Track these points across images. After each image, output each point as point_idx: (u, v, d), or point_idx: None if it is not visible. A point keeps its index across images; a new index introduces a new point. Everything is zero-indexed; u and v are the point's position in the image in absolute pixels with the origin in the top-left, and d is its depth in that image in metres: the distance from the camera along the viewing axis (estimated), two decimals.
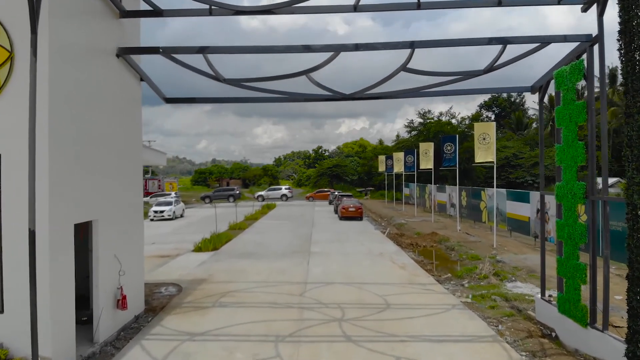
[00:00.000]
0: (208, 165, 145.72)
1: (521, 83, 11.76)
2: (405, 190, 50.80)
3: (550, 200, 22.01)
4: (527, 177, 59.30)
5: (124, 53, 9.81)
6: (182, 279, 14.63)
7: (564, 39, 9.38)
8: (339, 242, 22.50)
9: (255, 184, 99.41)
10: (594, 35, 8.50)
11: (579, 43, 9.02)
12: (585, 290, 8.70)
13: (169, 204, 36.43)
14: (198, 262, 17.53)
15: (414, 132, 55.30)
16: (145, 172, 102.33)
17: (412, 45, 9.42)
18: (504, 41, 9.53)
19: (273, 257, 18.30)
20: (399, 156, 43.71)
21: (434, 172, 34.42)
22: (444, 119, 54.89)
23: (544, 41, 9.47)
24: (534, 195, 23.02)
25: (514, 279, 15.63)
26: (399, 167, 43.60)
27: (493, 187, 25.49)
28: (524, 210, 23.76)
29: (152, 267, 16.68)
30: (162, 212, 35.16)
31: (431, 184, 45.98)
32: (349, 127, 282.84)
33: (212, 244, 20.50)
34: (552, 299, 10.94)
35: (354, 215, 33.07)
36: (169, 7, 10.29)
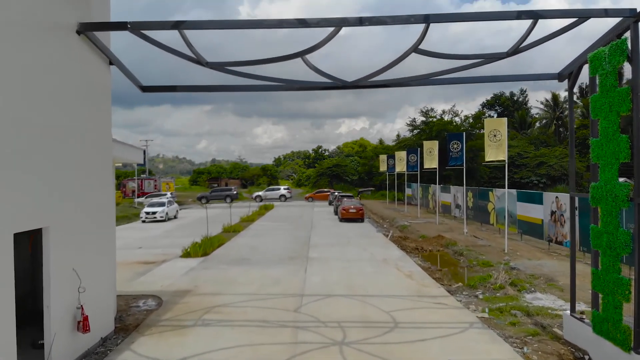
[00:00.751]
0: (208, 165, 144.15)
1: (519, 85, 10.29)
2: (408, 191, 49.27)
3: (566, 202, 20.52)
4: (532, 177, 57.85)
5: (86, 30, 8.29)
6: (165, 291, 13.12)
7: (605, 13, 7.87)
8: (339, 246, 20.99)
9: (255, 184, 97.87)
10: (639, 10, 7.05)
11: (620, 19, 7.52)
12: (627, 308, 7.27)
13: (161, 205, 34.92)
14: (185, 269, 16.00)
15: (416, 131, 53.77)
16: (142, 171, 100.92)
17: (427, 19, 7.90)
18: (535, 15, 8.01)
19: (267, 264, 16.78)
20: (401, 155, 42.18)
21: (438, 172, 32.91)
22: (446, 117, 53.40)
23: (581, 15, 7.95)
24: (548, 197, 21.51)
25: (532, 289, 14.13)
26: (401, 167, 42.08)
27: (503, 188, 24.00)
28: (537, 212, 22.24)
29: (133, 276, 15.16)
30: (154, 213, 33.65)
31: (435, 184, 44.50)
32: (349, 127, 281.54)
33: (203, 248, 18.98)
34: (584, 316, 9.47)
35: (355, 217, 31.56)
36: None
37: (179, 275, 15.09)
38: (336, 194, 49.09)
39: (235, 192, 57.45)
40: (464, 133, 27.37)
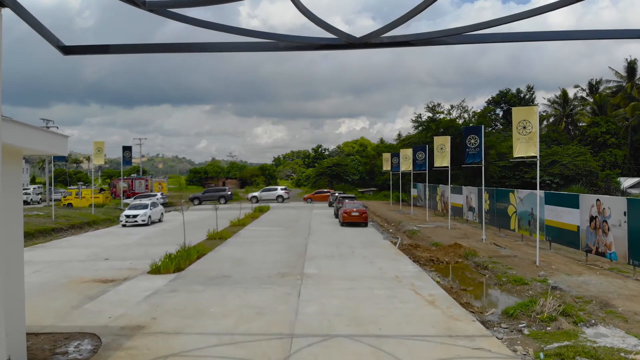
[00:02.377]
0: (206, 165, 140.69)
1: (520, 84, 6.99)
2: (413, 191, 46.04)
3: (611, 206, 17.26)
4: (544, 176, 54.54)
5: None
6: (111, 325, 9.85)
7: None
8: (340, 258, 17.73)
9: (253, 184, 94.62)
10: None
11: None
12: None
13: (143, 207, 31.65)
14: (147, 292, 12.73)
15: (421, 128, 50.49)
16: (135, 170, 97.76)
17: None
18: None
19: (252, 285, 13.51)
20: (407, 153, 38.93)
21: (449, 171, 29.67)
22: (455, 113, 50.16)
23: None
24: (586, 200, 18.25)
25: (592, 321, 10.88)
26: (407, 166, 38.82)
27: (514, 188, 20.74)
28: (571, 218, 18.98)
29: (81, 301, 11.92)
30: (134, 217, 30.39)
31: (442, 183, 41.23)
32: (348, 127, 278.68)
33: (176, 263, 15.71)
34: None
35: (358, 221, 28.30)
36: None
37: (136, 301, 11.81)
38: (336, 194, 45.80)
39: (229, 193, 54.16)
40: (482, 126, 24.12)
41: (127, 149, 43.67)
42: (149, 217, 31.11)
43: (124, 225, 30.51)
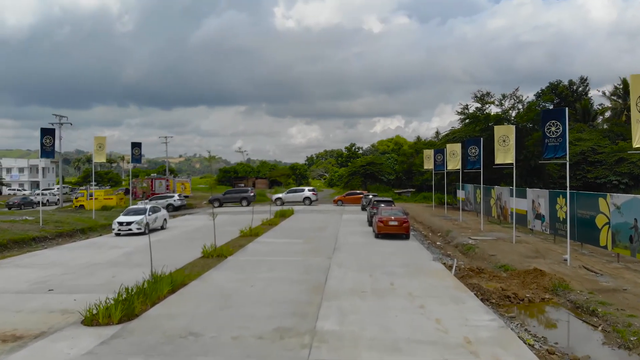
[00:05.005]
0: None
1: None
2: (460, 193, 39.87)
3: None
4: (610, 176, 47.40)
5: None
6: None
7: None
8: (375, 296, 12.09)
9: (283, 185, 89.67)
10: None
11: None
12: None
13: (140, 212, 26.70)
14: None
15: (468, 121, 44.18)
16: (162, 169, 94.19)
17: None
18: None
19: (228, 358, 8.09)
20: (455, 149, 32.95)
21: (514, 169, 23.62)
22: (507, 104, 43.63)
23: None
24: None
25: None
26: (454, 163, 32.86)
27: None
28: None
29: None
30: (128, 224, 25.44)
31: (492, 185, 34.98)
32: (383, 126, 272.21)
33: (127, 305, 10.43)
34: None
35: (398, 232, 22.55)
36: None
37: None
38: (370, 196, 40.03)
39: (252, 194, 48.99)
40: (566, 109, 18.04)
41: (136, 146, 39.11)
42: (146, 224, 26.12)
43: (117, 234, 25.65)
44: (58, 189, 68.22)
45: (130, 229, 25.39)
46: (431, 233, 27.63)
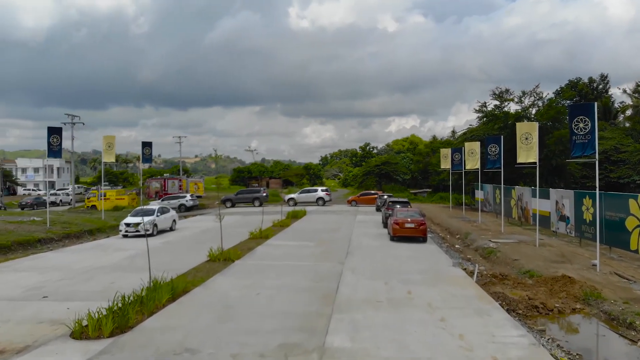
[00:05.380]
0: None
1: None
2: (479, 194, 38.61)
3: None
4: (633, 176, 45.69)
5: None
6: None
7: None
8: (390, 307, 11.08)
9: (297, 184, 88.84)
10: None
11: None
12: None
13: (148, 213, 25.96)
14: None
15: (486, 119, 42.83)
16: (175, 170, 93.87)
17: None
18: None
19: None
20: (473, 147, 31.75)
21: (537, 168, 22.41)
22: (526, 101, 42.21)
23: None
24: None
25: None
26: (472, 162, 31.66)
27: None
28: None
29: None
30: (136, 225, 24.70)
31: (511, 185, 33.75)
32: (398, 126, 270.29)
33: (119, 317, 9.58)
34: None
35: (414, 235, 21.48)
36: None
37: None
38: (385, 197, 38.95)
39: (264, 194, 48.16)
40: (594, 104, 16.83)
41: (146, 146, 38.51)
42: (155, 225, 25.40)
43: (124, 236, 24.94)
44: (73, 188, 68.08)
45: (137, 231, 24.65)
46: (449, 235, 26.50)
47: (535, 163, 21.62)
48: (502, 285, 14.42)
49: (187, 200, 46.34)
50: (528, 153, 21.73)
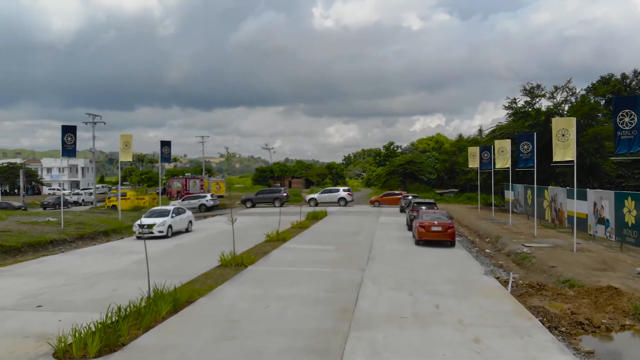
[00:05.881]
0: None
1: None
2: (509, 194, 36.84)
3: None
4: None
5: None
6: None
7: None
8: (417, 324, 9.77)
9: (320, 184, 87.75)
10: None
11: None
12: None
13: (163, 214, 25.09)
14: None
15: (515, 117, 40.94)
16: (198, 169, 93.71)
17: None
18: None
19: None
20: (504, 145, 30.08)
21: (575, 167, 20.77)
22: (558, 97, 40.19)
23: None
24: None
25: None
26: (503, 161, 30.00)
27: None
28: None
29: None
30: (150, 227, 23.83)
31: (548, 184, 31.98)
32: (423, 125, 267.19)
33: (109, 333, 8.51)
34: None
35: (441, 239, 20.08)
36: None
37: None
38: (410, 197, 37.47)
39: (285, 194, 47.12)
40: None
41: (165, 145, 37.72)
42: (169, 227, 24.50)
43: (138, 237, 24.11)
44: (96, 188, 68.13)
45: (151, 232, 23.78)
46: (478, 239, 24.98)
47: (572, 161, 20.04)
48: (540, 297, 12.99)
49: (207, 200, 45.62)
50: (565, 151, 20.14)
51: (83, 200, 61.97)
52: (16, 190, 72.90)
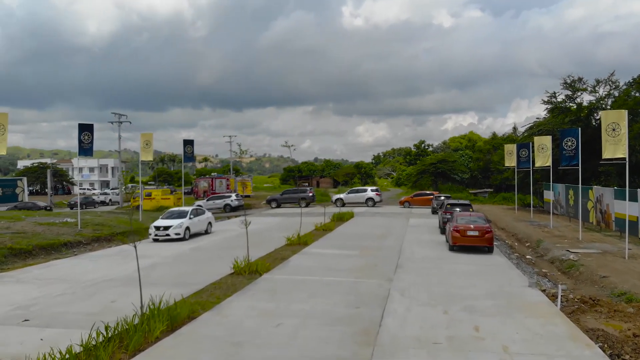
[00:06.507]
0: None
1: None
2: (548, 194, 34.58)
3: None
4: None
5: None
6: None
7: None
8: (452, 351, 8.15)
9: (348, 184, 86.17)
10: None
11: None
12: None
13: (181, 215, 23.95)
14: None
15: (557, 111, 38.49)
16: (226, 169, 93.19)
17: None
18: None
19: None
20: (544, 142, 27.96)
21: (628, 165, 18.69)
22: (601, 91, 37.57)
23: None
24: None
25: None
26: (543, 159, 27.89)
27: None
28: None
29: None
30: (166, 229, 22.72)
31: (589, 184, 29.69)
32: (455, 123, 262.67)
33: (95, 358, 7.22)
34: None
35: (479, 245, 18.29)
36: None
37: None
38: (442, 198, 35.56)
39: (311, 194, 45.71)
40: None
41: (188, 143, 36.72)
42: (187, 228, 23.33)
43: (155, 240, 23.04)
44: (126, 188, 68.03)
45: (167, 234, 22.67)
46: (517, 243, 23.03)
47: (624, 158, 17.99)
48: (595, 314, 11.20)
49: (232, 200, 44.59)
50: (616, 147, 18.09)
51: (110, 200, 61.91)
52: (46, 190, 73.54)
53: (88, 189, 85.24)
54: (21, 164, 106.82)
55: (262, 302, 11.26)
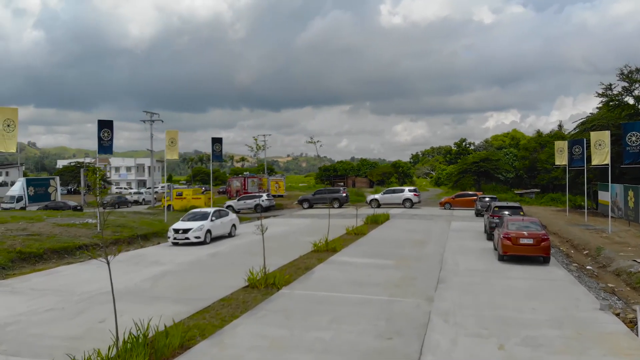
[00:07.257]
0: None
1: None
2: (603, 196, 31.51)
3: None
4: None
5: None
6: None
7: None
8: None
9: (385, 184, 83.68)
10: None
11: None
12: None
13: (202, 217, 22.33)
14: None
15: (613, 104, 35.25)
16: (260, 169, 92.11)
17: None
18: None
19: None
20: (602, 137, 25.08)
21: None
22: None
23: None
24: None
25: None
26: (601, 157, 25.02)
27: None
28: None
29: None
30: (185, 232, 21.15)
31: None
32: (496, 121, 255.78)
33: None
34: None
35: (533, 255, 15.86)
36: None
37: None
38: (487, 199, 32.96)
39: (344, 195, 43.59)
40: None
41: (216, 142, 35.28)
42: (208, 231, 21.69)
43: (174, 243, 21.51)
44: (162, 187, 67.54)
45: (187, 238, 21.08)
46: (573, 250, 20.41)
47: None
48: None
49: (262, 200, 42.98)
50: None
51: (143, 199, 61.48)
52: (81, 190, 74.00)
53: (125, 189, 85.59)
54: (60, 163, 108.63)
55: (273, 327, 9.31)
